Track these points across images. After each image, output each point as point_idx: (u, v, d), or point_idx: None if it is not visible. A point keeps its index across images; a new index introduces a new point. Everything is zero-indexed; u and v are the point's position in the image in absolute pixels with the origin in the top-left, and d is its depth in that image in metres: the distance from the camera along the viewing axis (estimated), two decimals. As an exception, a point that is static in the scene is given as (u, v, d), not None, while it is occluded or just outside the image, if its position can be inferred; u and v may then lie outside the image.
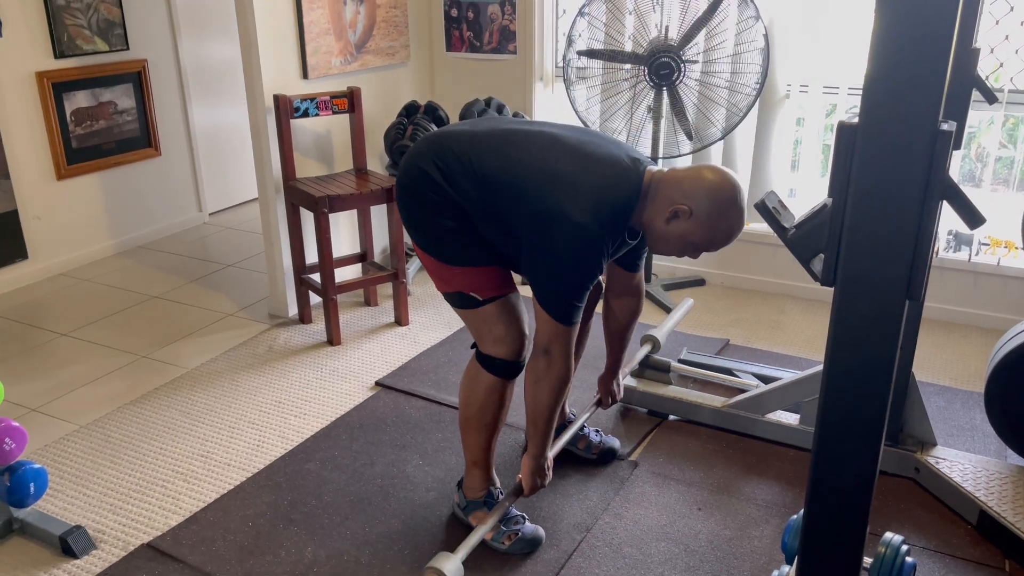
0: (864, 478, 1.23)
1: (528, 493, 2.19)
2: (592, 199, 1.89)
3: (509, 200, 1.95)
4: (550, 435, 2.14)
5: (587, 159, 1.94)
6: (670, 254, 2.03)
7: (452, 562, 1.86)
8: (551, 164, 1.94)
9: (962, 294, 3.57)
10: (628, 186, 1.93)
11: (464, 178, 1.98)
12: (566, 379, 2.03)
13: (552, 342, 1.98)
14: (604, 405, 2.60)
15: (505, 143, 2.01)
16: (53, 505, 2.46)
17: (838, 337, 1.16)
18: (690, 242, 1.95)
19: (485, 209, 1.99)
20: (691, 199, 1.90)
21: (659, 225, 1.95)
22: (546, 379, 2.01)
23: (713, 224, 1.91)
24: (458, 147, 2.01)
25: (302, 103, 3.39)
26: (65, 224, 4.25)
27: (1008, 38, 3.24)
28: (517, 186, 1.94)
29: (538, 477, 2.17)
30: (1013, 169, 3.64)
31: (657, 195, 1.94)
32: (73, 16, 4.09)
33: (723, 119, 3.54)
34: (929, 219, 1.06)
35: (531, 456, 2.16)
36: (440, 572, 1.83)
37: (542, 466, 2.17)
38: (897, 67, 1.01)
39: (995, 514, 2.22)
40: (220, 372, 3.23)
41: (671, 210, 1.91)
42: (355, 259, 3.76)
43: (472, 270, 2.07)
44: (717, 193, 1.89)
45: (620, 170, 1.95)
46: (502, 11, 4.02)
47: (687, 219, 1.91)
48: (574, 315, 1.97)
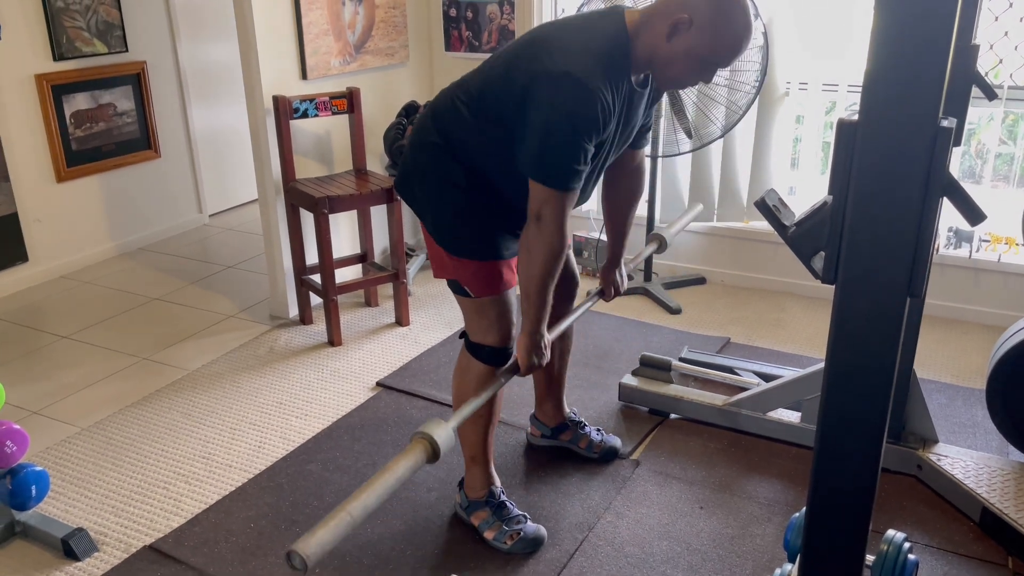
0: (866, 476, 1.23)
1: (524, 372, 2.02)
2: (575, 49, 1.79)
3: (499, 99, 1.89)
4: (545, 309, 1.99)
5: (561, 22, 1.92)
6: (682, 81, 1.90)
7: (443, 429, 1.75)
8: (525, 40, 1.90)
9: (963, 291, 3.57)
10: (611, 24, 1.84)
11: (457, 120, 1.98)
12: (559, 248, 1.90)
13: (543, 206, 1.85)
14: (607, 297, 2.44)
15: (483, 64, 2.02)
16: (55, 508, 2.46)
17: (839, 335, 1.16)
18: (698, 57, 1.80)
19: (484, 136, 1.94)
20: (688, 6, 1.76)
21: (662, 49, 1.81)
22: (537, 246, 1.89)
23: (718, 28, 1.76)
24: (445, 99, 2.03)
25: (301, 104, 3.39)
26: (65, 226, 4.25)
27: (1007, 34, 3.24)
28: (501, 79, 1.89)
29: (534, 354, 2.01)
30: (1013, 165, 3.64)
31: (651, 21, 1.82)
32: (72, 18, 4.09)
33: (722, 117, 3.54)
34: (930, 216, 1.06)
35: (526, 333, 2.00)
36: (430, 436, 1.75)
37: (539, 343, 2.01)
38: (897, 64, 1.01)
39: (997, 511, 2.22)
40: (221, 373, 3.23)
41: (670, 23, 1.78)
42: (355, 260, 3.76)
43: (471, 264, 2.07)
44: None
45: (596, 15, 1.89)
46: (501, 10, 4.02)
47: (688, 29, 1.77)
48: (570, 179, 1.83)
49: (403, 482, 1.53)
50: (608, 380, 3.09)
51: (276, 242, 3.58)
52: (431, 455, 1.61)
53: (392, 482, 1.50)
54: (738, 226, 3.94)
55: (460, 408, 1.80)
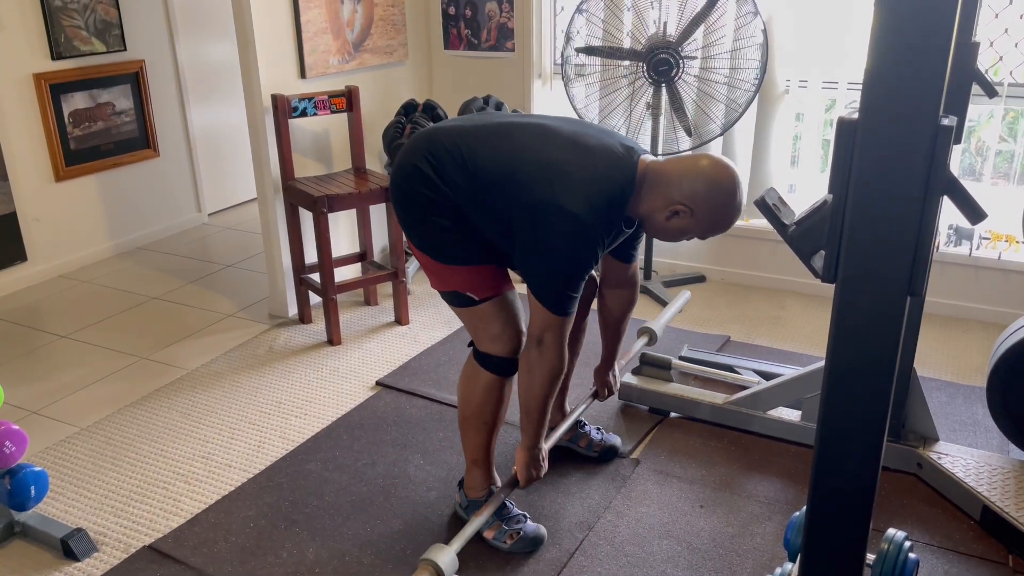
0: (867, 474, 1.22)
1: (524, 485, 2.18)
2: (586, 189, 1.88)
3: (502, 192, 1.94)
4: (543, 425, 2.12)
5: (580, 149, 1.94)
6: (667, 240, 2.08)
7: (446, 554, 1.82)
8: (544, 155, 1.93)
9: (963, 289, 3.57)
10: (622, 176, 1.93)
11: (456, 172, 1.97)
12: (559, 370, 2.03)
13: (545, 331, 1.97)
14: (600, 397, 2.59)
15: (497, 136, 2.00)
16: (54, 508, 2.46)
17: (840, 334, 1.16)
18: (688, 233, 2.00)
19: (478, 203, 1.97)
20: (690, 198, 1.91)
21: (657, 221, 1.98)
22: (539, 369, 2.01)
23: (712, 220, 1.94)
24: (449, 142, 2.00)
25: (300, 103, 3.38)
26: (64, 226, 4.25)
27: (1007, 31, 3.24)
28: (510, 177, 1.92)
29: (533, 468, 2.17)
30: (1013, 163, 3.63)
31: (655, 189, 1.94)
32: (70, 17, 4.08)
33: (722, 115, 3.53)
34: (930, 215, 1.05)
35: (525, 448, 2.15)
36: (434, 563, 1.79)
37: (536, 457, 2.16)
38: (897, 62, 1.01)
39: (998, 509, 2.22)
40: (220, 373, 3.23)
41: (671, 210, 1.93)
42: (355, 258, 3.76)
43: (468, 269, 2.07)
44: (716, 191, 1.90)
45: (614, 160, 1.94)
46: (500, 8, 4.01)
47: (687, 217, 1.94)
48: (568, 305, 1.96)
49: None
50: (608, 379, 3.09)
51: (275, 241, 3.58)
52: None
53: None
54: (738, 224, 3.93)
55: (463, 531, 1.97)
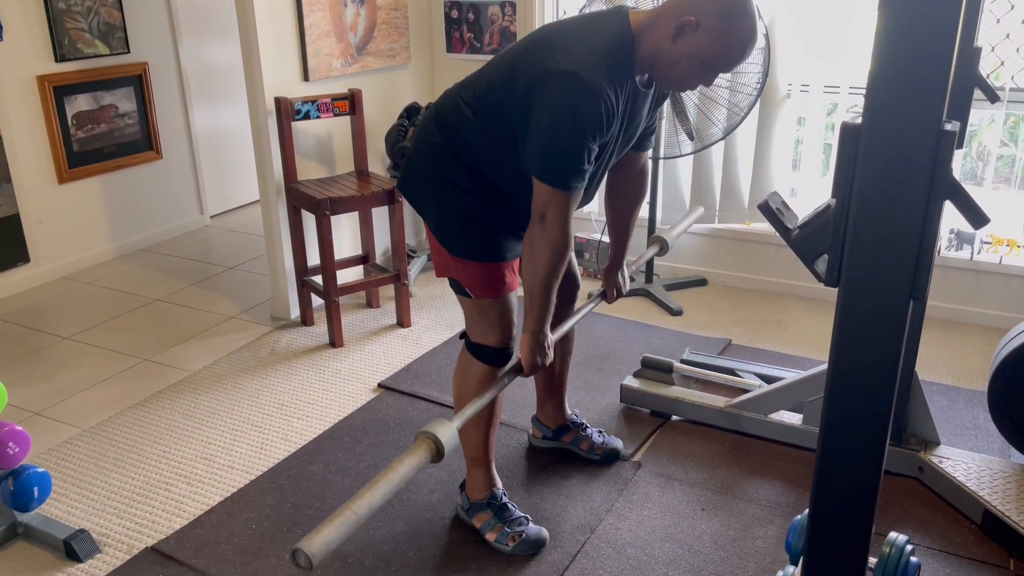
0: (869, 478, 1.23)
1: (527, 372, 2.02)
2: (579, 48, 1.79)
3: (503, 99, 1.89)
4: (549, 308, 1.99)
5: (566, 23, 1.91)
6: (684, 84, 1.89)
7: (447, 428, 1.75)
8: (532, 44, 1.89)
9: (964, 293, 3.57)
10: (616, 23, 1.84)
11: (460, 120, 1.98)
12: (563, 247, 1.90)
13: (548, 206, 1.85)
14: (609, 299, 2.43)
15: (487, 65, 2.01)
16: (57, 509, 2.46)
17: (842, 338, 1.16)
18: (702, 60, 1.80)
19: (487, 136, 1.94)
20: (696, 9, 1.76)
21: (665, 48, 1.81)
22: (541, 246, 1.89)
23: (724, 33, 1.76)
24: (449, 100, 2.03)
25: (303, 105, 3.39)
26: (67, 228, 4.26)
27: (1009, 36, 3.24)
28: (505, 79, 1.89)
29: (538, 354, 2.01)
30: (1014, 167, 3.64)
31: (657, 21, 1.82)
32: (74, 19, 4.09)
33: (724, 119, 3.54)
34: (933, 219, 1.06)
35: (530, 332, 1.99)
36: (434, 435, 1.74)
37: (542, 343, 2.01)
38: (901, 67, 1.01)
39: (999, 513, 2.22)
40: (223, 375, 3.23)
41: (676, 25, 1.77)
42: (357, 261, 3.76)
43: (473, 266, 2.07)
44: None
45: (600, 15, 1.88)
46: (503, 12, 4.02)
47: (694, 32, 1.77)
48: (572, 178, 1.83)
49: (407, 481, 1.53)
50: (609, 382, 3.09)
51: (278, 243, 3.59)
52: (435, 454, 1.61)
53: (396, 481, 1.50)
54: (739, 228, 3.94)
55: (464, 408, 1.80)
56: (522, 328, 2.03)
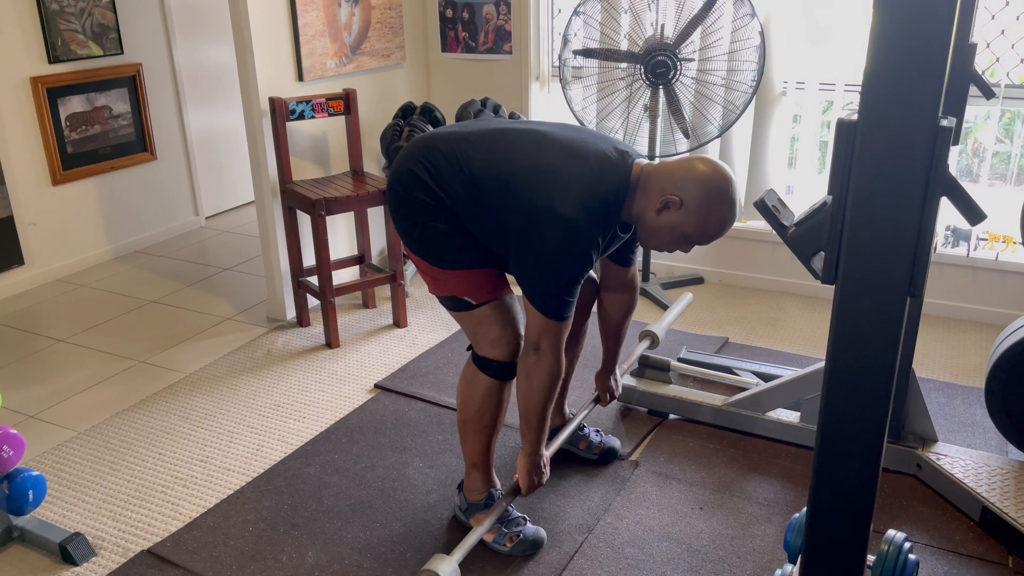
0: (867, 475, 1.22)
1: (526, 493, 2.17)
2: (580, 193, 1.88)
3: (498, 198, 1.94)
4: (543, 432, 2.11)
5: (575, 155, 1.94)
6: (662, 248, 2.02)
7: (448, 564, 1.84)
8: (539, 160, 1.93)
9: (961, 289, 3.57)
10: (616, 179, 1.93)
11: (453, 178, 1.98)
12: (557, 375, 2.01)
13: (542, 337, 1.97)
14: (603, 403, 2.59)
15: (493, 142, 2.01)
16: (52, 512, 2.45)
17: (840, 335, 1.16)
18: (682, 234, 1.94)
19: (475, 208, 1.98)
20: (682, 189, 1.89)
21: (650, 217, 1.94)
22: (536, 374, 2.00)
23: (705, 215, 1.90)
24: (446, 148, 2.01)
25: (298, 105, 3.38)
26: (61, 230, 4.24)
27: (1004, 33, 3.24)
28: (506, 183, 1.93)
29: (535, 475, 2.15)
30: (1010, 164, 3.64)
31: (648, 187, 1.93)
32: (67, 21, 4.08)
33: (720, 117, 3.54)
34: (930, 216, 1.05)
35: (526, 454, 2.13)
36: (435, 574, 1.81)
37: (538, 464, 2.15)
38: (896, 64, 1.01)
39: (997, 510, 2.22)
40: (218, 376, 3.22)
41: (662, 200, 1.90)
42: (352, 261, 3.75)
43: (465, 273, 2.07)
44: (708, 183, 1.89)
45: (608, 164, 1.94)
46: (497, 11, 4.01)
47: (677, 210, 1.90)
48: (564, 310, 1.95)
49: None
50: (607, 381, 3.09)
51: (273, 244, 3.58)
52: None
53: None
54: (736, 225, 3.92)
55: (465, 540, 1.96)
56: (520, 450, 2.15)
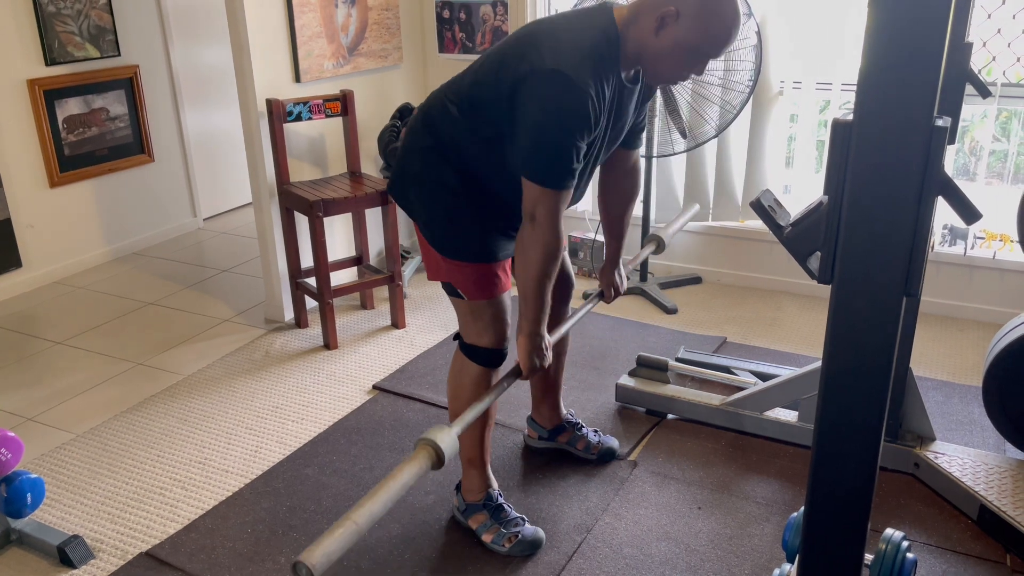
0: (864, 474, 1.23)
1: (527, 375, 2.01)
2: (564, 46, 1.78)
3: (489, 98, 1.88)
4: (543, 309, 1.97)
5: (550, 20, 1.90)
6: (674, 75, 1.88)
7: (447, 434, 1.74)
8: (516, 39, 1.88)
9: (958, 288, 3.57)
10: (601, 22, 1.83)
11: (448, 120, 1.97)
12: (555, 247, 1.88)
13: (538, 205, 1.84)
14: (607, 299, 2.42)
15: (473, 63, 2.00)
16: (50, 515, 2.45)
17: (836, 334, 1.16)
18: (687, 48, 1.79)
19: (475, 135, 1.94)
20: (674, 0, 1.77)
21: (651, 43, 1.81)
22: (533, 246, 1.88)
23: (706, 18, 1.75)
24: (436, 102, 2.02)
25: (295, 107, 3.38)
26: (59, 232, 4.24)
27: (1000, 32, 3.25)
28: (491, 77, 1.88)
29: (535, 356, 2.00)
30: (1007, 163, 3.64)
31: (638, 17, 1.82)
32: (64, 23, 4.07)
33: (717, 117, 3.54)
34: (926, 215, 1.06)
35: (525, 334, 1.98)
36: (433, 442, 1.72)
37: (539, 345, 1.99)
38: (892, 63, 1.01)
39: (995, 508, 2.22)
40: (217, 378, 3.22)
41: (657, 17, 1.77)
42: (351, 263, 3.75)
43: (465, 266, 2.07)
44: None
45: (586, 13, 1.87)
46: (494, 12, 4.01)
47: (676, 22, 1.77)
48: (562, 177, 1.82)
49: (408, 488, 1.51)
50: (605, 381, 3.09)
51: (271, 245, 3.58)
52: (435, 462, 1.61)
53: (396, 489, 1.49)
54: (734, 225, 3.95)
55: (463, 414, 1.79)
56: (518, 330, 2.02)
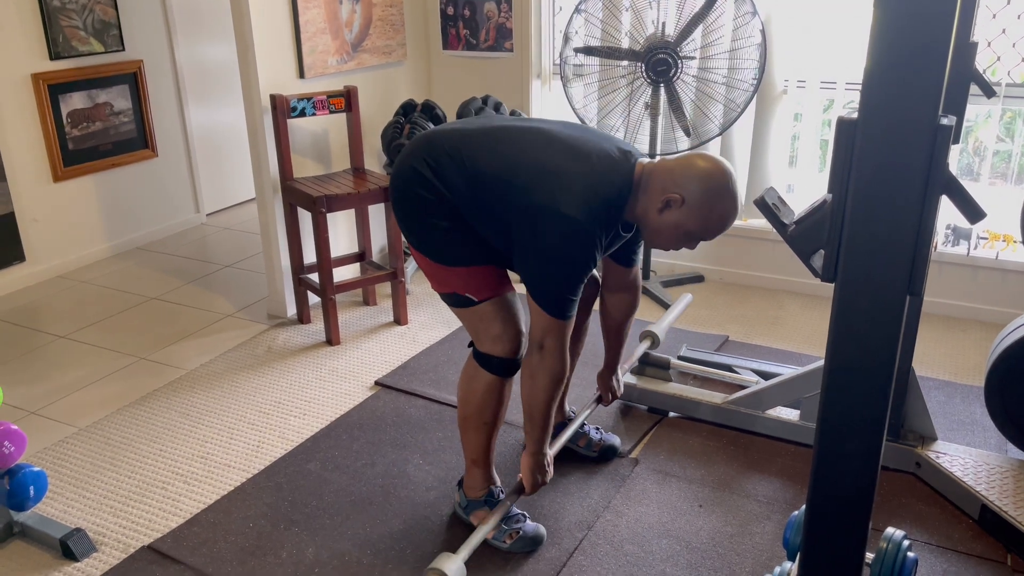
0: (866, 474, 1.23)
1: (530, 492, 2.18)
2: (583, 193, 1.89)
3: (500, 196, 1.95)
4: (547, 431, 2.13)
5: (578, 154, 1.95)
6: (666, 246, 2.02)
7: (454, 562, 1.85)
8: (541, 160, 1.94)
9: (961, 288, 3.57)
10: (619, 178, 1.94)
11: (455, 175, 1.98)
12: (561, 374, 2.02)
13: (546, 336, 1.97)
14: (604, 402, 2.60)
15: (496, 140, 2.01)
16: (53, 508, 2.45)
17: (839, 333, 1.16)
18: (685, 231, 1.95)
19: (477, 206, 1.99)
20: (682, 187, 1.90)
21: (652, 216, 1.95)
22: (541, 374, 2.01)
23: (706, 211, 1.90)
24: (449, 145, 2.01)
25: (299, 103, 3.38)
26: (62, 226, 4.25)
27: (1005, 31, 3.24)
28: (508, 182, 1.94)
29: (538, 474, 2.16)
30: (1011, 163, 3.64)
31: (649, 186, 1.94)
32: (68, 17, 4.08)
33: (720, 115, 3.54)
34: (930, 214, 1.06)
35: (530, 453, 2.15)
36: (442, 573, 1.82)
37: (542, 463, 2.16)
38: (897, 62, 1.01)
39: (996, 508, 2.22)
40: (219, 373, 3.23)
41: (663, 199, 1.91)
42: (353, 259, 3.76)
43: (467, 270, 2.07)
44: (708, 180, 1.89)
45: (610, 163, 1.95)
46: (498, 9, 4.01)
47: (679, 207, 1.91)
48: (568, 309, 1.96)
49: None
50: (607, 378, 3.09)
51: (274, 241, 3.58)
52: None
53: None
54: (736, 224, 3.93)
55: (470, 538, 1.96)
56: (523, 450, 2.18)
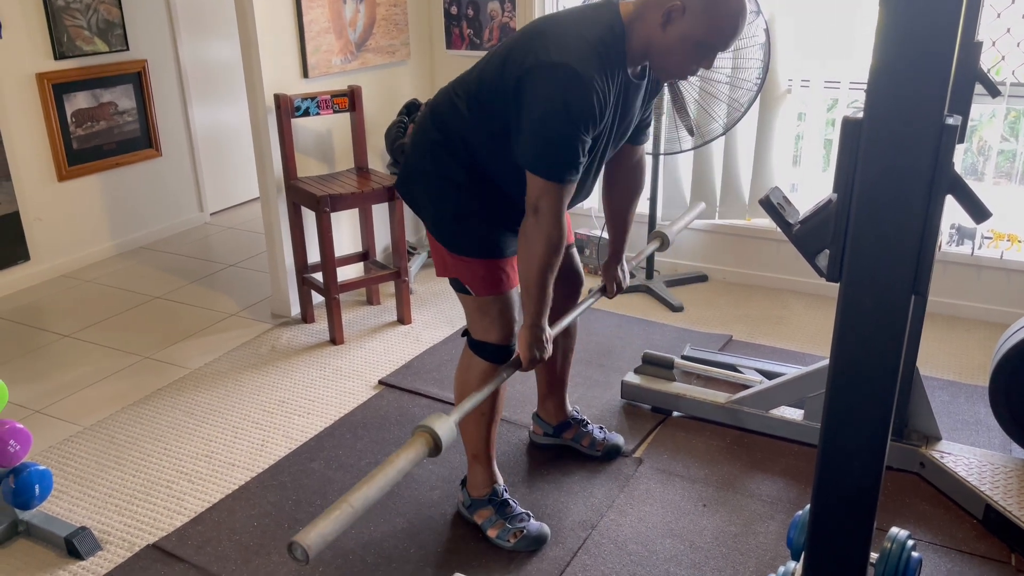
0: (871, 473, 1.23)
1: (526, 367, 2.01)
2: (571, 40, 1.78)
3: (496, 92, 1.88)
4: (544, 302, 1.97)
5: (557, 15, 1.91)
6: (683, 70, 1.87)
7: (444, 422, 1.73)
8: (523, 34, 1.89)
9: (965, 288, 3.57)
10: (606, 15, 1.84)
11: (455, 116, 1.98)
12: (558, 240, 1.89)
13: (541, 198, 1.84)
14: (609, 293, 2.40)
15: (481, 59, 2.00)
16: (58, 507, 2.46)
17: (844, 333, 1.16)
18: (695, 42, 1.79)
19: (482, 131, 1.94)
20: None
21: (657, 38, 1.81)
22: (536, 239, 1.88)
23: (712, 11, 1.76)
24: (444, 98, 2.02)
25: (303, 102, 3.38)
26: (66, 225, 4.25)
27: (1010, 31, 3.23)
28: (498, 72, 1.88)
29: (535, 348, 1.99)
30: (1015, 162, 3.63)
31: (645, 10, 1.82)
32: (73, 17, 4.08)
33: (724, 114, 3.53)
34: (935, 214, 1.05)
35: (527, 326, 1.99)
36: (431, 429, 1.73)
37: (539, 337, 1.99)
38: (902, 61, 1.01)
39: (1001, 508, 2.22)
40: (223, 372, 3.23)
41: (663, 12, 1.77)
42: (357, 258, 3.76)
43: (473, 262, 2.07)
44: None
45: (590, 9, 1.88)
46: (502, 8, 4.01)
47: (682, 16, 1.77)
48: (564, 171, 1.83)
49: (404, 474, 1.52)
50: (610, 378, 3.09)
51: (278, 240, 3.58)
52: (432, 448, 1.61)
53: (393, 474, 1.50)
54: (740, 223, 3.94)
55: (462, 402, 1.79)
56: (521, 322, 2.03)
